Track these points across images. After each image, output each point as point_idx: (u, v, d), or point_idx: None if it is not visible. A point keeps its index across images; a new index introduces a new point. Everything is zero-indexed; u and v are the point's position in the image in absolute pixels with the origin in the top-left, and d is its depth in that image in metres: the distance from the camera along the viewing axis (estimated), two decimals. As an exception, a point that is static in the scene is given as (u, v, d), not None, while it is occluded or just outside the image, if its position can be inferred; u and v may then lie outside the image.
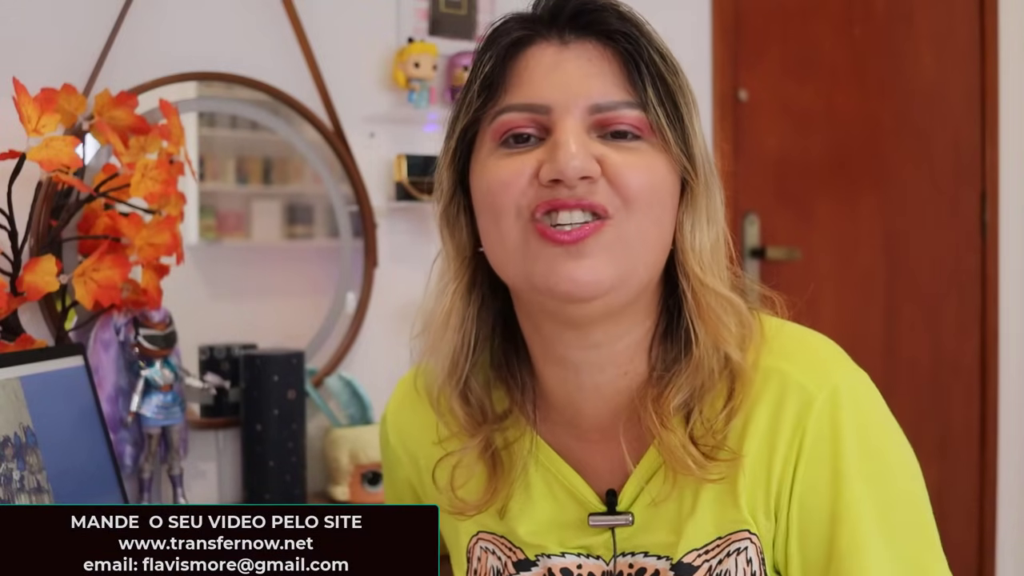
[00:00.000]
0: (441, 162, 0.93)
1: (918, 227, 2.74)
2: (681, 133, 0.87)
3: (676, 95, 0.87)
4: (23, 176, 1.47)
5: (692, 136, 0.88)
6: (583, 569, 0.92)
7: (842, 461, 0.85)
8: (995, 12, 2.80)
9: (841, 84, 2.60)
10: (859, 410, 0.87)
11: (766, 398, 0.87)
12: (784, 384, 0.86)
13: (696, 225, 0.88)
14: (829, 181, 2.62)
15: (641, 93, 0.86)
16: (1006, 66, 2.81)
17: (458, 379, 0.94)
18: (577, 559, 0.92)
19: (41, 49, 1.66)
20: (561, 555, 0.93)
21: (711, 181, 0.90)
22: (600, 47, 0.86)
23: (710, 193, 0.90)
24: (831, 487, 0.85)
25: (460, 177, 0.92)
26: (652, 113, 0.86)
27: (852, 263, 2.67)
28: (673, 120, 0.87)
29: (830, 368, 0.88)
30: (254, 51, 1.87)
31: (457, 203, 0.93)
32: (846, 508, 0.84)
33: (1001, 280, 2.83)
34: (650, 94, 0.85)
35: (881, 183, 2.67)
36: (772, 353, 0.89)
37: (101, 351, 1.59)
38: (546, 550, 0.94)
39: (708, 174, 0.89)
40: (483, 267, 0.93)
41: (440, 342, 0.93)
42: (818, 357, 0.90)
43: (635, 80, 0.86)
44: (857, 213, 2.66)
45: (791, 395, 0.86)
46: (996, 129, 2.81)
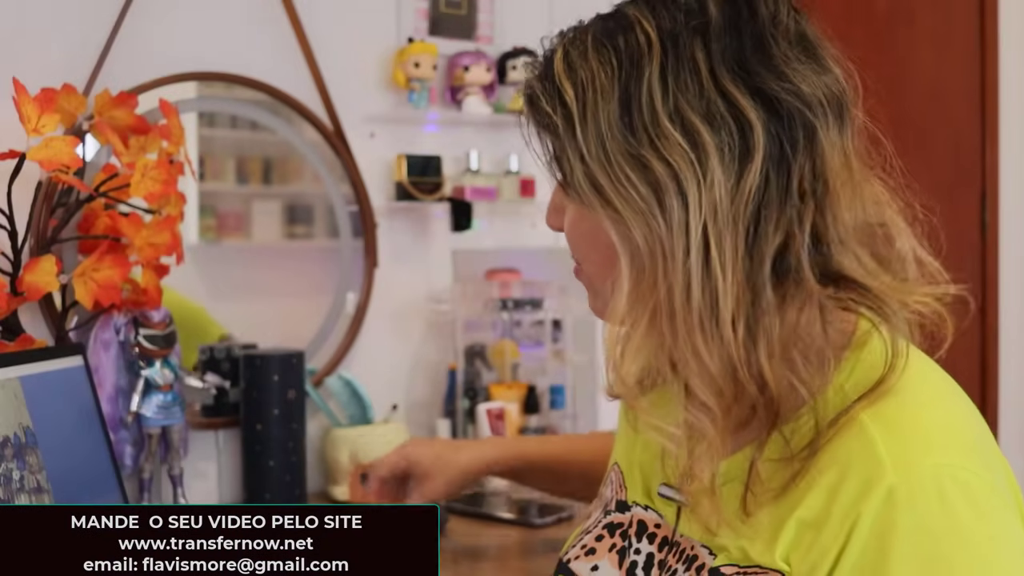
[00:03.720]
0: None
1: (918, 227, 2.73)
2: (560, 171, 0.84)
3: (547, 132, 0.84)
4: (23, 176, 1.47)
5: (571, 168, 0.81)
6: (660, 530, 0.92)
7: (888, 564, 0.72)
8: (995, 12, 2.80)
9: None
10: (932, 514, 0.72)
11: (841, 456, 0.76)
12: (862, 448, 0.75)
13: (619, 282, 0.82)
14: (829, 181, 2.61)
15: (540, 149, 0.86)
16: (1006, 66, 2.81)
17: None
18: (658, 517, 0.93)
19: (41, 49, 1.66)
20: (645, 508, 0.94)
21: (640, 201, 0.78)
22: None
23: (646, 219, 0.78)
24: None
25: None
26: (552, 167, 0.85)
27: (852, 263, 2.66)
28: (552, 159, 0.85)
29: (924, 454, 0.74)
30: (254, 51, 1.87)
31: None
32: None
33: (1001, 280, 2.83)
34: (544, 150, 0.85)
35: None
36: (872, 408, 0.77)
37: (101, 351, 1.59)
38: (637, 499, 0.96)
39: (620, 191, 0.78)
40: None
41: None
42: (919, 433, 0.76)
43: (537, 138, 0.86)
44: (857, 213, 2.65)
45: (863, 464, 0.74)
46: (996, 129, 2.81)
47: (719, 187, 0.76)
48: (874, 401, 0.77)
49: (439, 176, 2.03)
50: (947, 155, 2.77)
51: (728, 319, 0.76)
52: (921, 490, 0.72)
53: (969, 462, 0.75)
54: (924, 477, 0.73)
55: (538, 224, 2.23)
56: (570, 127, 0.81)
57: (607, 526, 0.97)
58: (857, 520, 0.74)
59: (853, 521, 0.74)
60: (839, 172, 0.79)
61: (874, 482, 0.73)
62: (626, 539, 0.94)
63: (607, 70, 0.80)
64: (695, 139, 0.76)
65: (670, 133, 0.77)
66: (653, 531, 0.93)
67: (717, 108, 0.77)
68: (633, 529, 0.94)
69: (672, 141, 0.76)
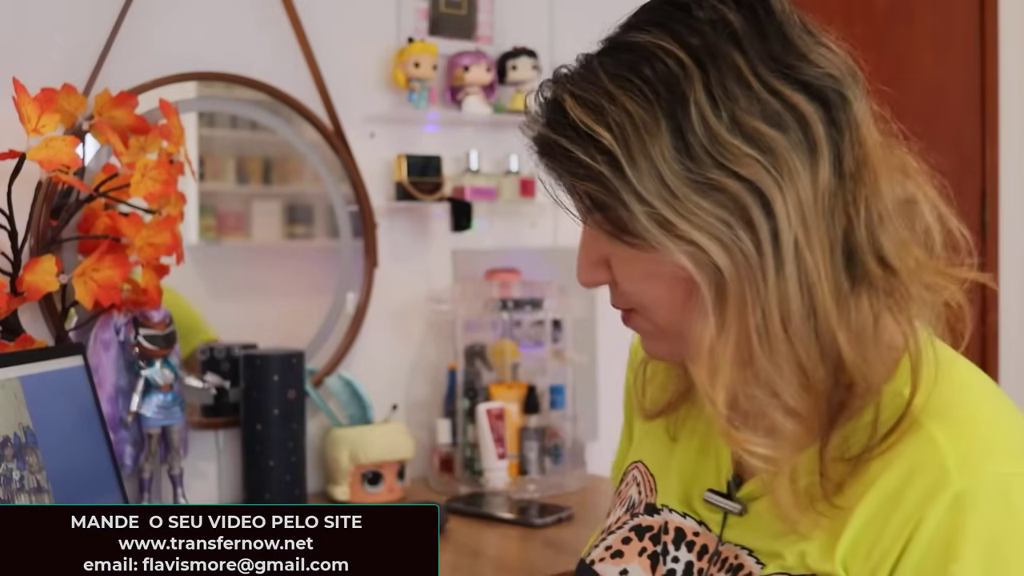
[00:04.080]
0: None
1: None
2: (619, 224, 0.78)
3: (597, 186, 0.77)
4: (23, 176, 1.47)
5: (635, 220, 0.76)
6: (700, 538, 0.90)
7: (954, 569, 0.73)
8: (995, 12, 2.80)
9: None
10: (997, 519, 0.73)
11: (905, 459, 0.76)
12: (928, 455, 0.75)
13: (702, 318, 0.77)
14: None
15: (576, 203, 0.82)
16: (1006, 66, 2.81)
17: None
18: (697, 526, 0.91)
19: (41, 49, 1.66)
20: (683, 515, 0.92)
21: (730, 233, 0.75)
22: (547, 167, 0.83)
23: (743, 251, 0.75)
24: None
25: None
26: (593, 218, 0.80)
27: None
28: (605, 213, 0.78)
29: (988, 458, 0.75)
30: (254, 51, 1.87)
31: None
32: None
33: (1001, 280, 2.83)
34: (582, 202, 0.80)
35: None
36: (933, 412, 0.77)
37: (101, 351, 1.59)
38: (669, 504, 0.93)
39: (712, 238, 0.75)
40: None
41: None
42: (981, 439, 0.76)
43: (569, 193, 0.81)
44: (857, 213, 2.65)
45: (929, 469, 0.75)
46: (996, 129, 2.81)
47: (801, 187, 0.75)
48: (935, 407, 0.77)
49: (439, 176, 2.03)
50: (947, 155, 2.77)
51: (827, 322, 0.76)
52: (986, 496, 0.73)
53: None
54: (989, 484, 0.74)
55: (538, 224, 2.23)
56: (618, 172, 0.75)
57: (635, 528, 0.94)
58: (920, 522, 0.74)
59: (916, 523, 0.74)
60: (875, 145, 0.79)
61: (940, 487, 0.74)
62: (657, 543, 0.92)
63: (643, 104, 0.75)
64: (764, 144, 0.75)
65: (735, 146, 0.74)
66: (692, 539, 0.90)
67: (773, 108, 0.75)
68: (670, 536, 0.91)
69: (740, 153, 0.74)
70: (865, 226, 0.78)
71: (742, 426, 0.78)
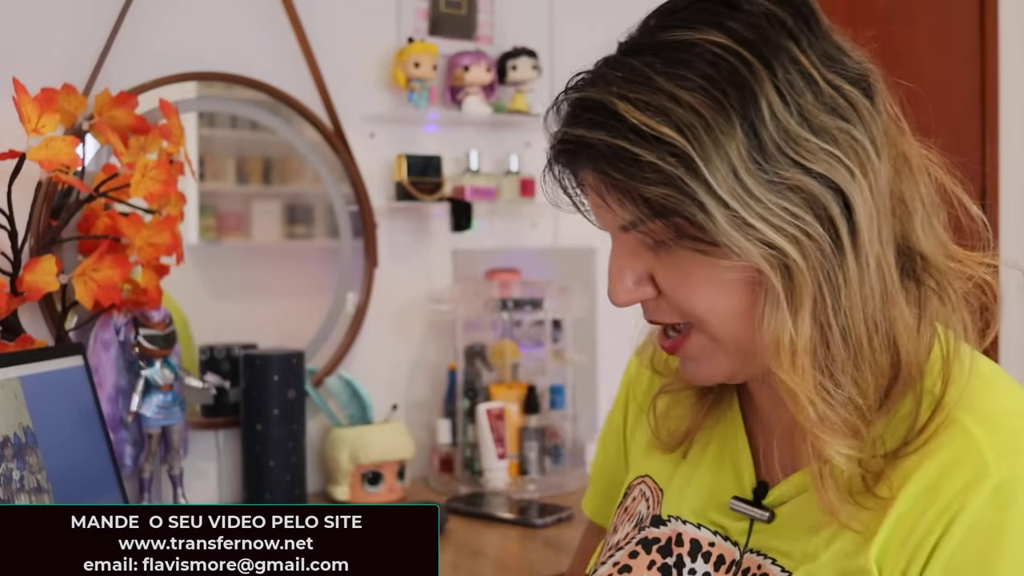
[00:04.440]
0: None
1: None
2: (694, 225, 0.74)
3: (670, 188, 0.73)
4: (23, 176, 1.47)
5: (714, 221, 0.73)
6: (716, 548, 0.88)
7: (996, 562, 0.73)
8: (995, 12, 2.80)
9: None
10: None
11: (942, 453, 0.76)
12: (966, 448, 0.76)
13: (780, 313, 0.75)
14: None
15: (640, 209, 0.76)
16: (1006, 66, 2.81)
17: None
18: (712, 536, 0.89)
19: (41, 49, 1.66)
20: (697, 526, 0.90)
21: (804, 237, 0.74)
22: (590, 174, 0.78)
23: (820, 248, 0.74)
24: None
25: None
26: (651, 225, 0.76)
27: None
28: (677, 218, 0.74)
29: (1014, 437, 0.76)
30: (254, 51, 1.87)
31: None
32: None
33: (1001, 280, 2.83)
34: (641, 207, 0.76)
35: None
36: (968, 407, 0.77)
37: (101, 351, 1.59)
38: (680, 514, 0.92)
39: (789, 238, 0.73)
40: None
41: None
42: (1017, 432, 0.77)
43: (624, 199, 0.76)
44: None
45: (967, 462, 0.75)
46: (996, 129, 2.81)
47: (872, 180, 0.75)
48: (967, 402, 0.78)
49: (439, 176, 2.03)
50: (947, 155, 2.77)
51: (895, 314, 0.77)
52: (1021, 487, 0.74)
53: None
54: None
55: (538, 224, 2.23)
56: (693, 173, 0.72)
57: (642, 542, 0.93)
58: (959, 513, 0.74)
59: (954, 513, 0.74)
60: (907, 138, 0.80)
61: (979, 479, 0.74)
62: (668, 555, 0.91)
63: (711, 103, 0.72)
64: (836, 138, 0.74)
65: (809, 142, 0.73)
66: (708, 550, 0.89)
67: (837, 102, 0.74)
68: (685, 548, 0.90)
69: (815, 148, 0.73)
70: (910, 218, 0.78)
71: (826, 429, 0.77)
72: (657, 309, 0.82)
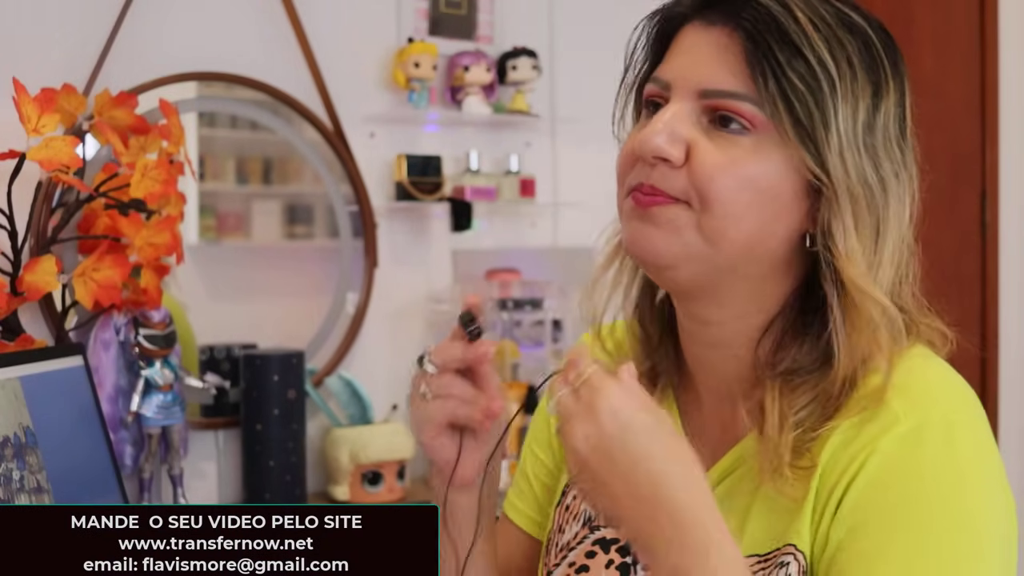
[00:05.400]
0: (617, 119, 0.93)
1: (918, 227, 2.73)
2: (810, 133, 0.80)
3: (808, 91, 0.80)
4: (23, 176, 1.47)
5: (827, 138, 0.80)
6: None
7: (905, 498, 0.78)
8: (995, 12, 2.80)
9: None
10: (944, 453, 0.79)
11: (859, 417, 0.81)
12: (878, 408, 0.80)
13: (847, 233, 0.82)
14: (829, 181, 2.61)
15: (758, 85, 0.81)
16: (1006, 66, 2.81)
17: (635, 315, 0.97)
18: None
19: (41, 49, 1.66)
20: None
21: (866, 189, 0.82)
22: (732, 33, 0.83)
23: (866, 202, 0.82)
24: (878, 520, 0.78)
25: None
26: (767, 107, 0.81)
27: (852, 263, 2.66)
28: (799, 118, 0.80)
29: (933, 401, 0.81)
30: (254, 51, 1.87)
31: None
32: (880, 548, 0.77)
33: (1001, 280, 2.83)
34: (769, 86, 0.80)
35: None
36: (893, 384, 0.82)
37: (101, 351, 1.59)
38: None
39: (859, 182, 0.82)
40: None
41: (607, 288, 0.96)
42: (927, 389, 0.82)
43: (753, 70, 0.81)
44: (857, 213, 2.65)
45: (879, 417, 0.80)
46: (996, 129, 2.80)
47: (904, 212, 0.86)
48: (896, 384, 0.82)
49: (439, 176, 2.03)
50: (947, 155, 2.77)
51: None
52: (931, 431, 0.79)
53: (973, 421, 0.82)
54: (935, 422, 0.79)
55: (538, 224, 2.23)
56: (831, 91, 0.81)
57: (598, 542, 0.93)
58: (870, 456, 0.79)
59: (865, 457, 0.79)
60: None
61: (889, 427, 0.79)
62: (626, 555, 0.91)
63: (862, 64, 0.83)
64: (899, 168, 0.85)
65: (891, 149, 0.84)
66: None
67: (906, 151, 0.86)
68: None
69: (895, 158, 0.84)
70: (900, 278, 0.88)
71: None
72: (666, 177, 0.83)
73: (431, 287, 2.10)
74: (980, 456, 0.81)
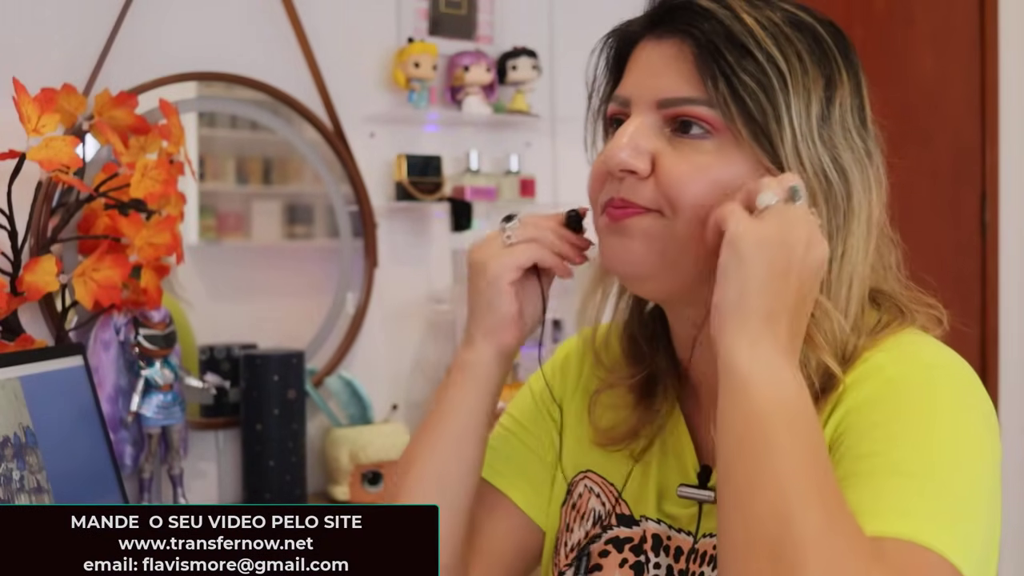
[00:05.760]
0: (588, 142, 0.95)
1: (918, 227, 2.73)
2: (764, 129, 0.82)
3: (760, 88, 0.81)
4: (23, 176, 1.47)
5: (781, 133, 0.82)
6: (673, 540, 0.91)
7: (887, 426, 0.79)
8: (995, 12, 2.80)
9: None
10: (916, 383, 0.81)
11: (851, 379, 0.83)
12: (866, 366, 0.83)
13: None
14: (829, 181, 2.61)
15: (709, 87, 0.82)
16: (1006, 66, 2.81)
17: (627, 322, 0.99)
18: (668, 530, 0.92)
19: (41, 49, 1.66)
20: (657, 521, 0.93)
21: (825, 180, 0.83)
22: (681, 43, 0.85)
23: (825, 193, 0.83)
24: (856, 438, 0.80)
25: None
26: (720, 108, 0.82)
27: (852, 263, 2.66)
28: (752, 115, 0.82)
29: (917, 353, 0.84)
30: (254, 51, 1.87)
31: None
32: (881, 453, 0.78)
33: (1001, 280, 2.83)
34: (720, 87, 0.82)
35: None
36: (872, 349, 0.85)
37: (101, 351, 1.59)
38: (646, 513, 0.94)
39: (817, 173, 0.83)
40: None
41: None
42: (912, 348, 0.85)
43: (703, 74, 0.83)
44: (857, 213, 2.65)
45: (869, 372, 0.82)
46: (996, 129, 2.81)
47: (871, 208, 0.87)
48: (887, 347, 0.84)
49: (439, 176, 2.03)
50: (947, 155, 2.77)
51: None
52: (913, 373, 0.82)
53: (956, 366, 0.85)
54: (918, 367, 0.82)
55: (538, 224, 2.22)
56: (784, 89, 0.82)
57: (611, 541, 0.94)
58: (861, 390, 0.81)
59: (857, 394, 0.81)
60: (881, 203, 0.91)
61: (874, 376, 0.82)
62: (640, 554, 0.92)
63: (812, 58, 0.84)
64: (862, 157, 0.86)
65: (849, 138, 0.85)
66: (667, 543, 0.91)
67: (867, 139, 0.88)
68: (649, 544, 0.92)
69: (855, 147, 0.86)
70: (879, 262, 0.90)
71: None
72: (635, 188, 0.85)
73: (431, 287, 2.10)
74: (966, 393, 0.83)
